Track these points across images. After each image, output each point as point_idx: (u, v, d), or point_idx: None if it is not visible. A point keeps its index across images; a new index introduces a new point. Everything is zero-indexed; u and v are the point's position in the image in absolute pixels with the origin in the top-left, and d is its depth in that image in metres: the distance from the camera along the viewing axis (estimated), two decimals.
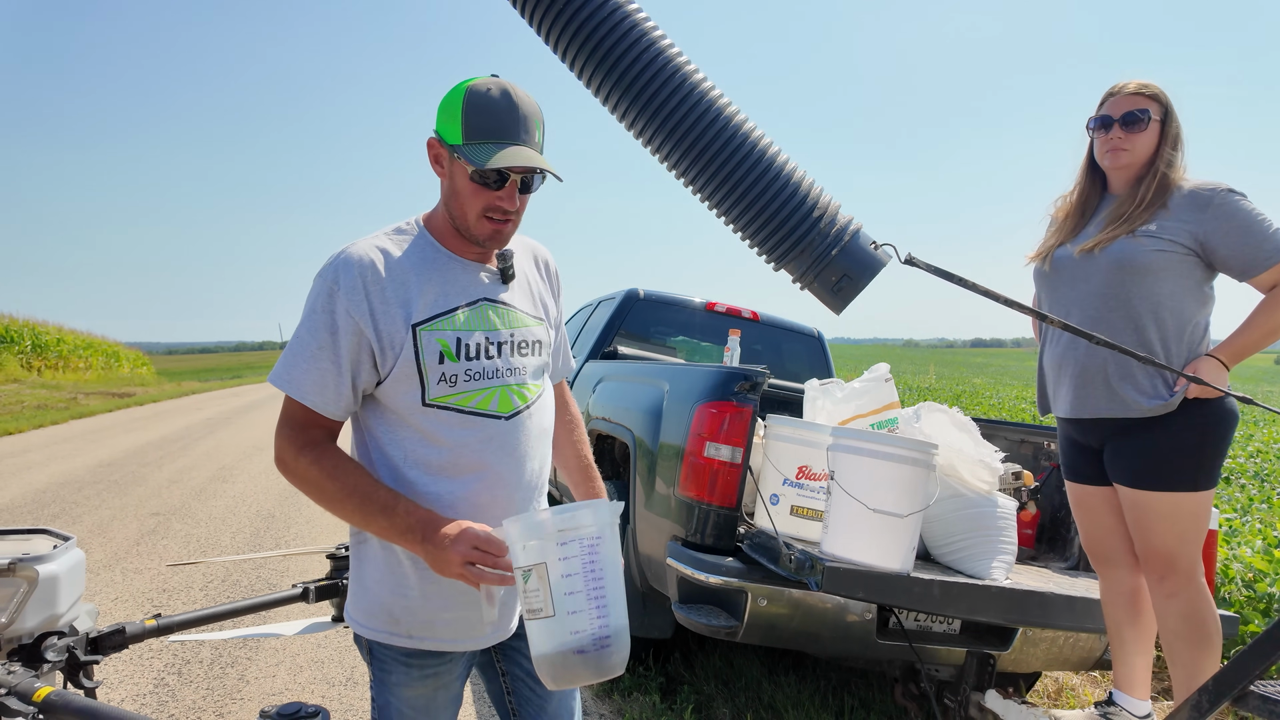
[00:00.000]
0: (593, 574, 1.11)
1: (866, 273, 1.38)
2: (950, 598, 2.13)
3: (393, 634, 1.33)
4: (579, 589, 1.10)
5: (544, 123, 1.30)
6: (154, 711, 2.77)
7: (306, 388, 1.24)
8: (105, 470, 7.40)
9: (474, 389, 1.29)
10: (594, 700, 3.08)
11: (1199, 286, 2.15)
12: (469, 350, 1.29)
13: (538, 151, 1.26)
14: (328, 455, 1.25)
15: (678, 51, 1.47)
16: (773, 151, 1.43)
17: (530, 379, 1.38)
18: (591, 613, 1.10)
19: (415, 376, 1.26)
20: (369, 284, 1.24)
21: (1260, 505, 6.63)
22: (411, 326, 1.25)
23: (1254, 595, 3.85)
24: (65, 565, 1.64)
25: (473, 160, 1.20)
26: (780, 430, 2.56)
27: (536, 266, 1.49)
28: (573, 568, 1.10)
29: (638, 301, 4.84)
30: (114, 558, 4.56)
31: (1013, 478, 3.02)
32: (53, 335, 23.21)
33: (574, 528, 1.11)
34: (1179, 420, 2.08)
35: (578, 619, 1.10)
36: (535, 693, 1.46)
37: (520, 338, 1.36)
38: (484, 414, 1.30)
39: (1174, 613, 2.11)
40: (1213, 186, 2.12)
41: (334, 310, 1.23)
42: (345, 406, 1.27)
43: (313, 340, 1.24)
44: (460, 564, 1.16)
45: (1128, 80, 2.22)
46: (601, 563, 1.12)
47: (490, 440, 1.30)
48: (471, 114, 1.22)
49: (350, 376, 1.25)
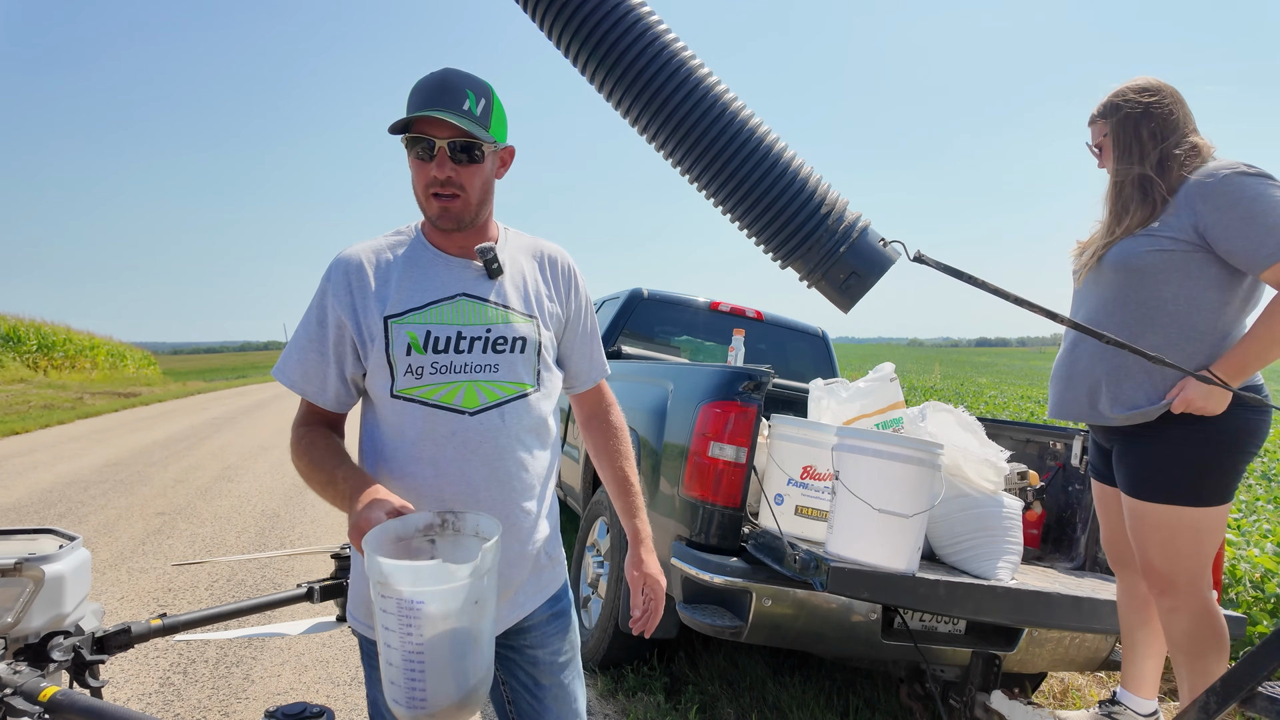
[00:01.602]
0: (409, 638, 0.98)
1: (875, 270, 1.36)
2: (955, 598, 2.12)
3: (370, 627, 1.33)
4: (395, 645, 0.99)
5: (486, 96, 1.29)
6: (159, 711, 2.77)
7: (295, 377, 1.33)
8: (111, 470, 7.42)
9: (439, 382, 1.30)
10: (598, 700, 3.07)
11: (1217, 287, 1.97)
12: (437, 343, 1.30)
13: (464, 117, 1.24)
14: (308, 434, 1.32)
15: (683, 46, 1.46)
16: (780, 148, 1.42)
17: (508, 376, 1.34)
18: (404, 673, 1.00)
19: (386, 368, 1.30)
20: (353, 281, 1.32)
21: (1267, 505, 6.59)
22: (384, 319, 1.30)
23: (1262, 596, 3.83)
24: (71, 565, 1.64)
25: (395, 126, 1.25)
26: (785, 430, 2.55)
27: (540, 265, 1.46)
28: (389, 623, 0.99)
29: (642, 301, 4.84)
30: (120, 557, 4.57)
31: (1018, 478, 3.01)
32: (59, 335, 23.31)
33: (388, 583, 0.97)
34: (1179, 431, 1.99)
35: (392, 672, 1.01)
36: (533, 708, 1.44)
37: (499, 334, 1.34)
38: (446, 408, 1.29)
39: (1176, 628, 2.04)
40: (1221, 169, 1.94)
41: (324, 305, 1.32)
42: (335, 396, 1.34)
43: (305, 334, 1.34)
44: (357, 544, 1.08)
45: (1119, 89, 2.14)
46: (423, 629, 0.98)
47: (452, 435, 1.29)
48: (412, 95, 1.28)
49: (336, 366, 1.32)
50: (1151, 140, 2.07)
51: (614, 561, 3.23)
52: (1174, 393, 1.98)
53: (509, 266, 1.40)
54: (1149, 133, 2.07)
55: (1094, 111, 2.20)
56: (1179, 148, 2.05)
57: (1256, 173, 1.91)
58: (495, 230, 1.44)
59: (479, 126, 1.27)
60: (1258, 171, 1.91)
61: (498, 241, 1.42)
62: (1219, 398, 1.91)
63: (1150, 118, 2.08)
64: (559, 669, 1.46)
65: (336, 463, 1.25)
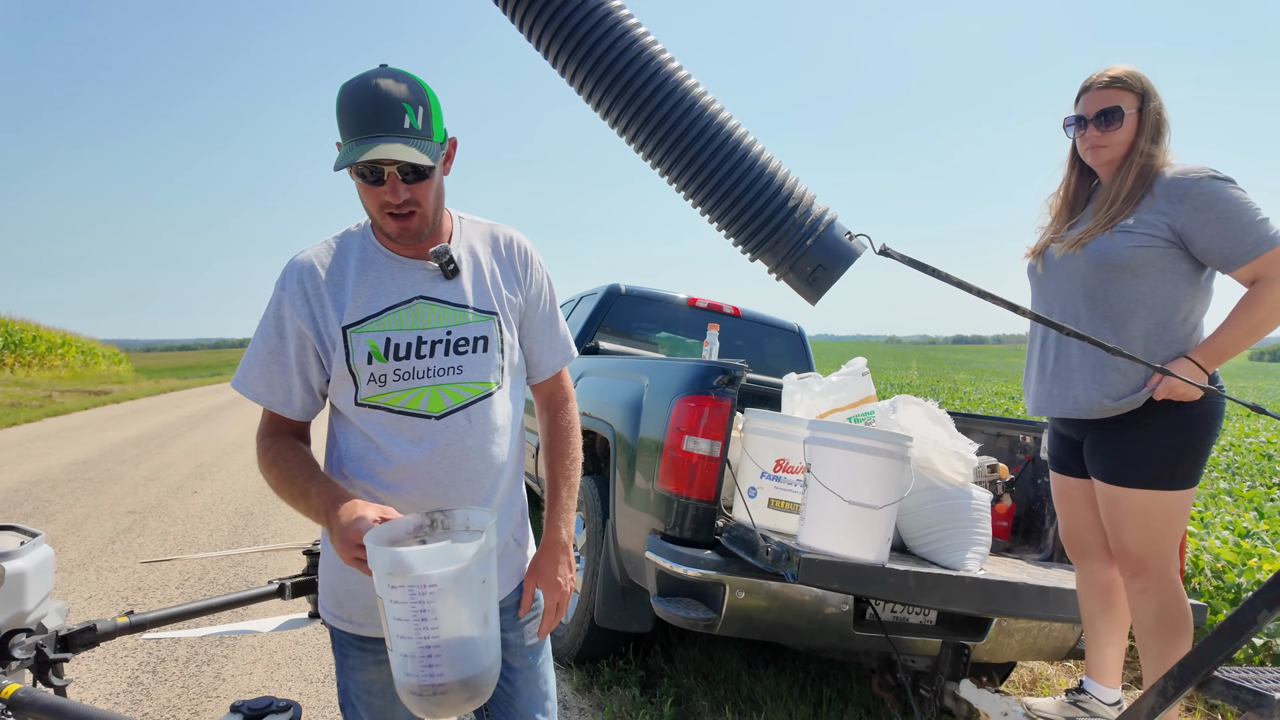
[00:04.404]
0: (423, 622, 1.03)
1: (841, 263, 1.39)
2: (924, 588, 2.15)
3: (337, 618, 1.39)
4: (409, 634, 1.04)
5: (423, 102, 1.22)
6: (128, 710, 2.74)
7: (259, 390, 1.31)
8: (80, 468, 7.29)
9: (403, 389, 1.30)
10: (574, 694, 3.08)
11: (1188, 281, 2.06)
12: (398, 350, 1.30)
13: (408, 137, 1.19)
14: (275, 445, 1.31)
15: (653, 40, 1.47)
16: (748, 142, 1.44)
17: (472, 377, 1.34)
18: (421, 660, 1.05)
19: (349, 377, 1.30)
20: (308, 289, 1.30)
21: (1228, 498, 6.75)
22: (342, 329, 1.29)
23: (1223, 585, 3.92)
24: (33, 562, 1.62)
25: (340, 162, 1.18)
26: (758, 424, 2.57)
27: (495, 252, 1.44)
28: (402, 613, 1.04)
29: (619, 297, 4.85)
30: (88, 556, 4.50)
31: (988, 470, 3.06)
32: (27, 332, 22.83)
33: (401, 572, 1.03)
34: (1157, 418, 2.06)
35: (409, 663, 1.06)
36: (504, 690, 1.46)
37: (459, 335, 1.34)
38: (413, 413, 1.30)
39: (1146, 610, 2.11)
40: (1195, 173, 2.02)
41: (281, 315, 1.30)
42: (301, 405, 1.33)
43: (264, 345, 1.31)
44: (351, 558, 1.13)
45: (1101, 72, 2.15)
46: (436, 611, 1.03)
47: (421, 439, 1.30)
48: (341, 114, 1.20)
49: (300, 376, 1.31)
50: (1156, 135, 2.12)
51: (589, 555, 3.24)
52: (1155, 380, 2.04)
53: (466, 261, 1.38)
54: (1160, 124, 2.13)
55: (1117, 78, 2.11)
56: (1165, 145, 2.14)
57: (1225, 178, 2.01)
58: (449, 223, 1.41)
59: (424, 142, 1.21)
60: (1226, 177, 2.01)
61: (453, 233, 1.41)
62: (1200, 381, 2.00)
63: (1161, 109, 2.14)
64: (529, 651, 1.49)
65: (307, 476, 1.24)
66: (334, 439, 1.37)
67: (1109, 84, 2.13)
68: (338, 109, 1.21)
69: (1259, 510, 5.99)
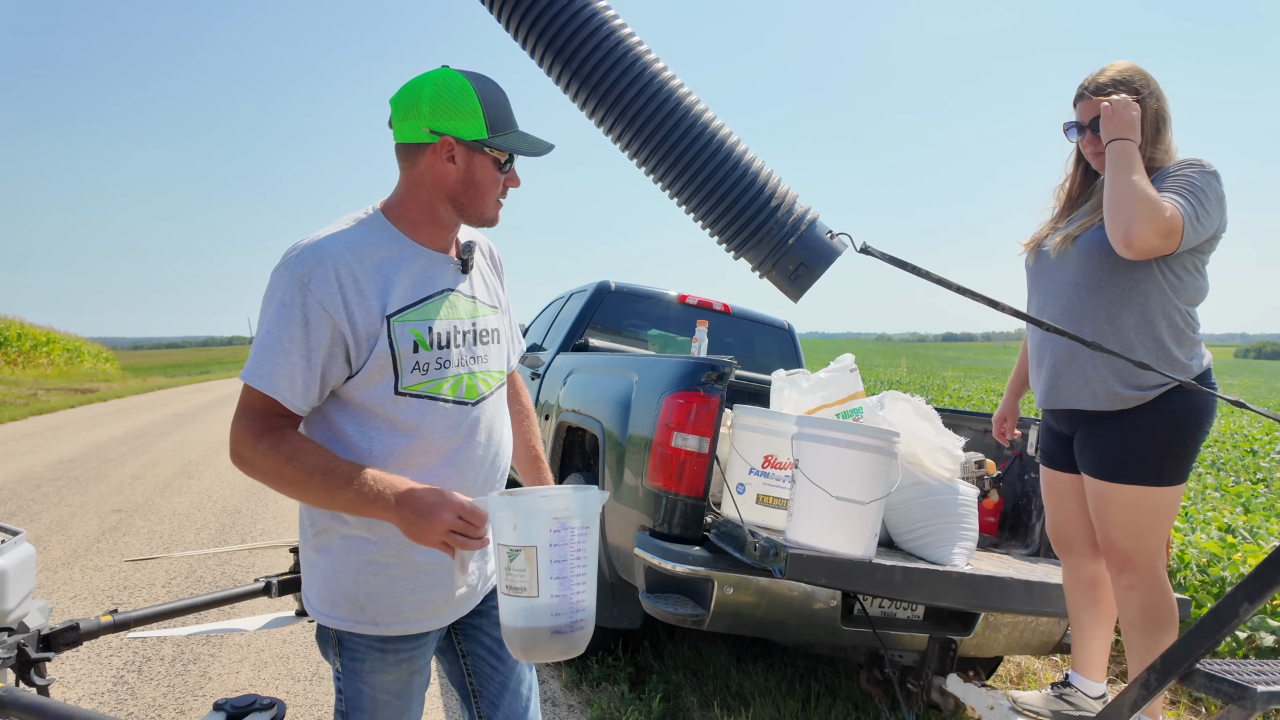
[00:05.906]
0: (579, 561, 1.15)
1: (822, 261, 1.40)
2: (911, 583, 2.16)
3: (358, 622, 1.34)
4: (566, 575, 1.14)
5: None
6: (113, 709, 2.72)
7: (279, 383, 1.22)
8: (66, 467, 7.23)
9: (443, 377, 1.33)
10: (563, 691, 3.08)
11: (1180, 271, 2.07)
12: (440, 339, 1.32)
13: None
14: (286, 440, 1.22)
15: (638, 40, 1.47)
16: (731, 141, 1.45)
17: (492, 367, 1.43)
18: (572, 598, 1.15)
19: (390, 367, 1.27)
20: (343, 278, 1.23)
21: (1214, 493, 6.81)
22: (386, 317, 1.26)
23: (1208, 579, 3.96)
24: (13, 560, 1.61)
25: (520, 150, 1.31)
26: (746, 420, 2.58)
27: (484, 256, 1.53)
28: (562, 554, 1.14)
29: (609, 294, 4.84)
30: (73, 555, 4.47)
31: (975, 466, 3.08)
32: (12, 330, 22.61)
33: (568, 515, 1.14)
34: (1149, 415, 2.07)
35: (560, 603, 1.14)
36: (497, 670, 1.49)
37: (482, 327, 1.42)
38: (453, 401, 1.34)
39: (1132, 604, 2.12)
40: (1184, 163, 2.05)
41: (306, 304, 1.21)
42: (311, 401, 1.26)
43: (284, 334, 1.21)
44: (444, 532, 1.16)
45: (1095, 74, 2.15)
46: (588, 551, 1.16)
47: (459, 426, 1.34)
48: (489, 109, 1.29)
49: (321, 370, 1.24)
50: (1158, 132, 2.13)
51: None
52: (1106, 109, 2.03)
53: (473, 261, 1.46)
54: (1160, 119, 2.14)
55: (1112, 80, 2.13)
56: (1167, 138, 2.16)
57: (1210, 170, 2.03)
58: None
59: None
60: (1212, 170, 2.03)
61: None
62: (1124, 110, 2.01)
63: (1161, 106, 2.15)
64: None
65: (353, 466, 1.20)
66: (344, 435, 1.29)
67: (1103, 89, 2.13)
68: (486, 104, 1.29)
69: (1245, 505, 6.05)
